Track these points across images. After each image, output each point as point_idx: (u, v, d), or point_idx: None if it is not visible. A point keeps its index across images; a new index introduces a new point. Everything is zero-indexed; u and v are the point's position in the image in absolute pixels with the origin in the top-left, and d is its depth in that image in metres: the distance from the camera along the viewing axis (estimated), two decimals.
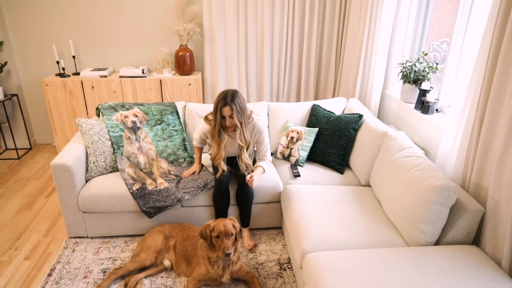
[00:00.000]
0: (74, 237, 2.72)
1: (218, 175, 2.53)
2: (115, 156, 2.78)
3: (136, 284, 2.28)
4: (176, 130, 3.01)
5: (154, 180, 2.68)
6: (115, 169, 2.79)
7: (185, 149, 2.99)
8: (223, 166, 2.50)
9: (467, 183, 2.07)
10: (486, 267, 1.76)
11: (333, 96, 4.11)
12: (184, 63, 3.88)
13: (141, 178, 2.69)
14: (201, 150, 2.80)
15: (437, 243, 2.03)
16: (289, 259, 2.53)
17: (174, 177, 2.74)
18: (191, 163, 2.91)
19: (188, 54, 3.87)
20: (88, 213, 2.62)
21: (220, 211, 2.61)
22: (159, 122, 2.98)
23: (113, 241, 2.69)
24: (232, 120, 2.36)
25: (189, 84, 3.87)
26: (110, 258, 2.52)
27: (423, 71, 2.88)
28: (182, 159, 2.93)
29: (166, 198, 2.56)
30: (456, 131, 2.21)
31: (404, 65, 2.97)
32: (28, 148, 4.29)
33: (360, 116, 2.82)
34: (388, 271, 1.75)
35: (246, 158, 2.51)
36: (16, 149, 4.12)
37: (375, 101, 3.41)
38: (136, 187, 2.60)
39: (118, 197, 2.55)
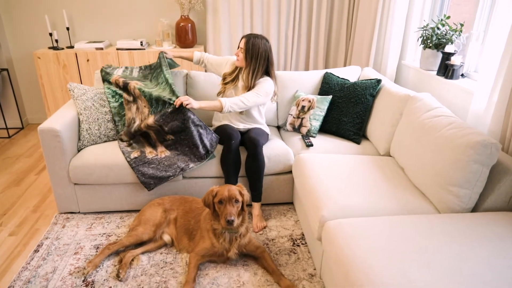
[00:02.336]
0: (64, 213, 2.48)
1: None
2: (117, 128, 2.53)
3: (133, 260, 2.04)
4: (162, 75, 2.59)
5: (154, 148, 2.43)
6: (110, 138, 2.54)
7: (173, 92, 2.43)
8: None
9: (507, 143, 1.84)
10: None
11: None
12: (186, 35, 3.63)
13: (140, 145, 2.44)
14: (189, 58, 2.73)
15: (473, 210, 1.80)
16: (303, 235, 2.28)
17: (159, 127, 2.37)
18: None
19: (189, 25, 3.62)
20: (80, 185, 2.38)
21: (230, 175, 2.34)
22: (150, 74, 2.74)
23: (107, 216, 2.45)
24: (240, 54, 2.37)
25: None
26: (104, 234, 2.28)
27: (445, 34, 2.63)
28: (168, 104, 2.38)
29: (168, 168, 2.31)
30: (490, 92, 1.99)
31: (425, 28, 2.73)
32: (19, 127, 4.05)
33: (379, 81, 2.58)
34: (422, 237, 1.52)
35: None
36: (7, 128, 3.87)
37: (390, 71, 3.16)
38: (134, 155, 2.35)
39: (113, 167, 2.31)
